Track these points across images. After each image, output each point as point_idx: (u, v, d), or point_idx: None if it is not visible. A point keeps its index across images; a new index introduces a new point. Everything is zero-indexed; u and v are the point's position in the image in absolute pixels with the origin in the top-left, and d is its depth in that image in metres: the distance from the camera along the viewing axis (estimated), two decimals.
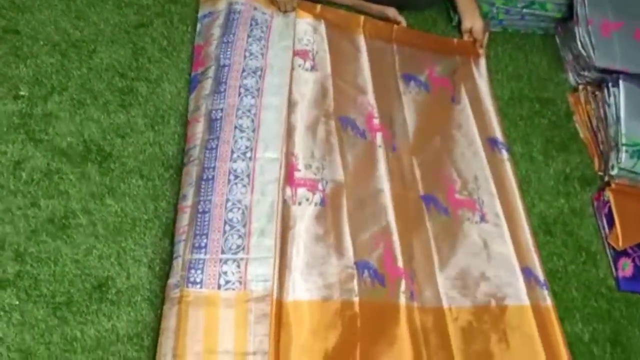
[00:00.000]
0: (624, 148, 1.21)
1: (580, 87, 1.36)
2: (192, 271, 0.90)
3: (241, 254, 0.91)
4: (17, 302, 0.88)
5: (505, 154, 1.20)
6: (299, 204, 0.99)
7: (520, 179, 1.22)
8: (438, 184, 1.12)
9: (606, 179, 1.24)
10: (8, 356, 0.84)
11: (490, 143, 1.20)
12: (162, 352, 0.85)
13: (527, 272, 1.05)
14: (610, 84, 1.27)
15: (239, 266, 0.90)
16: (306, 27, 1.20)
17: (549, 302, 1.04)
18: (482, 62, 1.32)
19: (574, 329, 1.08)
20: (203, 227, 0.93)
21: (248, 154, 0.99)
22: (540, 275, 1.06)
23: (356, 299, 0.93)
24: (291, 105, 1.08)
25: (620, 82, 1.26)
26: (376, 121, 1.13)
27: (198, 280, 0.89)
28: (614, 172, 1.21)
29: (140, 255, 0.96)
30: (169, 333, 0.86)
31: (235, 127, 1.02)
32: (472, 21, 1.31)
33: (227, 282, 0.89)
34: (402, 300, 0.95)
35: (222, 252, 0.91)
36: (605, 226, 1.20)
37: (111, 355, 0.88)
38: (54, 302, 0.89)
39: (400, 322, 0.94)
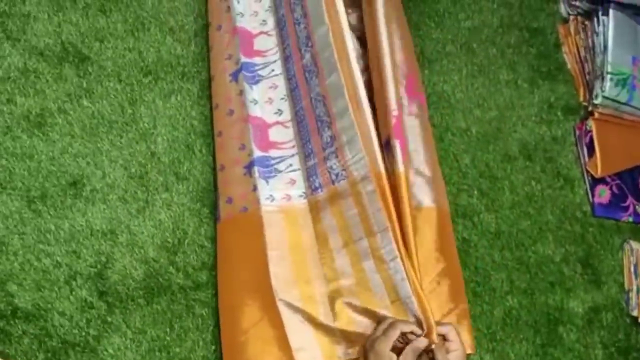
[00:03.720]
0: (609, 76, 1.20)
1: (571, 17, 1.34)
2: (311, 179, 0.89)
3: (335, 143, 0.87)
4: None
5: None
6: None
7: (504, 105, 1.22)
8: None
9: (590, 108, 1.24)
10: None
11: None
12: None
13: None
14: (600, 13, 1.25)
15: (337, 156, 0.87)
16: None
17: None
18: None
19: (545, 250, 1.10)
20: (305, 134, 0.92)
21: (309, 43, 0.95)
22: None
23: None
24: None
25: (611, 10, 1.24)
26: None
27: (317, 185, 0.88)
28: (598, 100, 1.21)
29: (116, 156, 0.96)
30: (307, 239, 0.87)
31: (294, 23, 0.98)
32: None
33: (337, 175, 0.87)
34: None
35: (323, 149, 0.89)
36: (585, 154, 1.20)
37: (85, 249, 0.89)
38: (28, 195, 0.90)
39: None
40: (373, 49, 0.91)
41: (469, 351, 0.86)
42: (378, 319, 0.80)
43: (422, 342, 0.73)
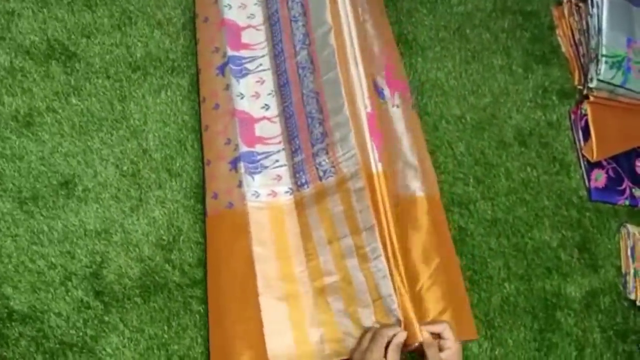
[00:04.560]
0: (603, 59, 1.19)
1: (565, 0, 1.32)
2: (298, 175, 0.89)
3: (326, 140, 0.87)
4: None
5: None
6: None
7: (499, 91, 1.21)
8: None
9: (585, 92, 1.23)
10: None
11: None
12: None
13: None
14: None
15: (327, 152, 0.86)
16: None
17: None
18: None
19: (542, 236, 1.09)
20: (293, 130, 0.91)
21: (306, 41, 0.94)
22: None
23: None
24: None
25: None
26: None
27: (304, 181, 0.88)
28: (593, 84, 1.20)
29: (107, 155, 0.95)
30: (292, 236, 0.87)
31: (291, 21, 0.97)
32: None
33: (324, 172, 0.87)
34: None
35: (312, 145, 0.88)
36: (581, 138, 1.20)
37: (79, 249, 0.88)
38: (19, 197, 0.89)
39: None
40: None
41: (471, 337, 0.86)
42: (361, 326, 0.80)
43: (401, 336, 0.73)
